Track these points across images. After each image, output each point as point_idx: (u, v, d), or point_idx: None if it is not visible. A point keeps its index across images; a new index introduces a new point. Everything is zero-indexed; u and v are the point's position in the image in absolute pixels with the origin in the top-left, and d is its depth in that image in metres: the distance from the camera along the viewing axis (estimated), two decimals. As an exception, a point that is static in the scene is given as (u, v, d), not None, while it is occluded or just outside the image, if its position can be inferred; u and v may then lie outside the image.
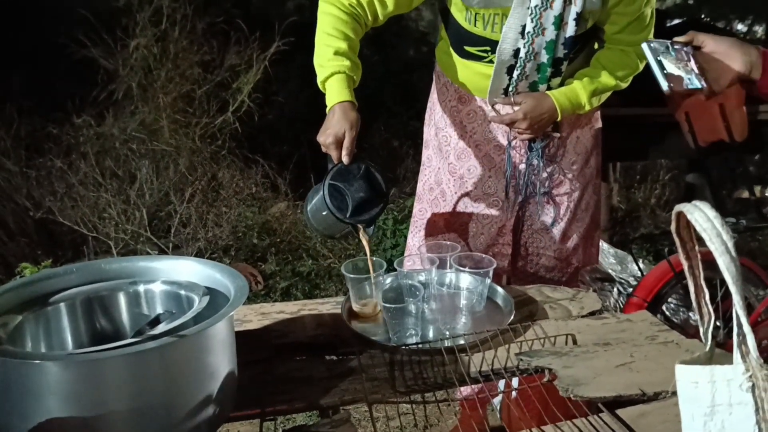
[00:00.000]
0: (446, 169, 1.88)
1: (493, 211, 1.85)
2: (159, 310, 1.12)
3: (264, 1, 6.45)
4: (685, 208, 0.65)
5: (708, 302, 0.72)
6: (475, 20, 1.60)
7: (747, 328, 0.64)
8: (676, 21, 3.09)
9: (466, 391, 1.59)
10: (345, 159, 1.42)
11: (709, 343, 0.74)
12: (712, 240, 0.62)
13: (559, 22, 1.54)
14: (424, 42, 6.90)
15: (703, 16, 8.72)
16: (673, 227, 0.68)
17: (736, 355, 0.67)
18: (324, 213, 1.43)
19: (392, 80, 6.36)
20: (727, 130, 2.26)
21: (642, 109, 2.49)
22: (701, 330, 0.74)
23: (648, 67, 1.72)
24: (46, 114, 4.22)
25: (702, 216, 0.63)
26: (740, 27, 9.25)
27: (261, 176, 4.48)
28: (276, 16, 5.09)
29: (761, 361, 0.65)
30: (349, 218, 1.40)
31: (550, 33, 1.56)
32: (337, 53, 1.51)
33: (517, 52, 1.59)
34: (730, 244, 0.61)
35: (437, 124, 1.91)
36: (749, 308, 2.04)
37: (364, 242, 1.45)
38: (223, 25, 4.72)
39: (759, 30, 9.07)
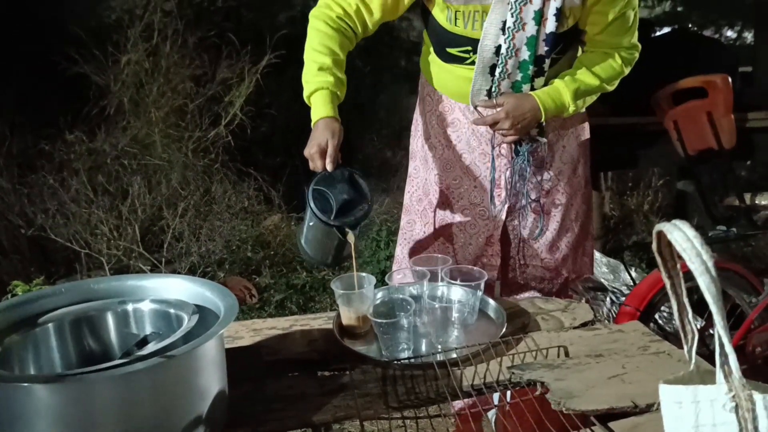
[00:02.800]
0: (433, 180, 1.88)
1: (481, 222, 1.85)
2: (148, 329, 1.12)
3: (255, 15, 6.45)
4: (664, 227, 0.65)
5: (691, 320, 0.72)
6: (456, 18, 1.61)
7: (729, 348, 0.64)
8: (665, 30, 3.11)
9: (458, 405, 1.59)
10: (329, 166, 1.44)
11: (693, 361, 0.74)
12: (692, 260, 0.62)
13: (540, 18, 1.56)
14: (415, 52, 6.89)
15: (690, 25, 8.77)
16: (654, 246, 0.68)
17: (719, 375, 0.67)
18: (311, 223, 1.44)
19: (384, 91, 6.38)
20: (715, 138, 2.27)
21: (631, 118, 2.51)
22: (685, 348, 0.74)
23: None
24: (38, 130, 4.21)
25: (681, 236, 0.63)
26: (729, 33, 9.31)
27: (254, 189, 4.47)
28: (267, 29, 5.10)
29: (744, 381, 0.65)
30: (333, 220, 1.41)
31: (531, 28, 1.57)
32: (321, 69, 1.54)
33: (498, 49, 1.60)
34: (710, 264, 0.61)
35: (423, 135, 1.91)
36: (742, 315, 2.04)
37: (351, 243, 1.46)
38: (214, 39, 4.72)
39: (748, 36, 9.12)
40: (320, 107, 1.52)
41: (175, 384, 0.91)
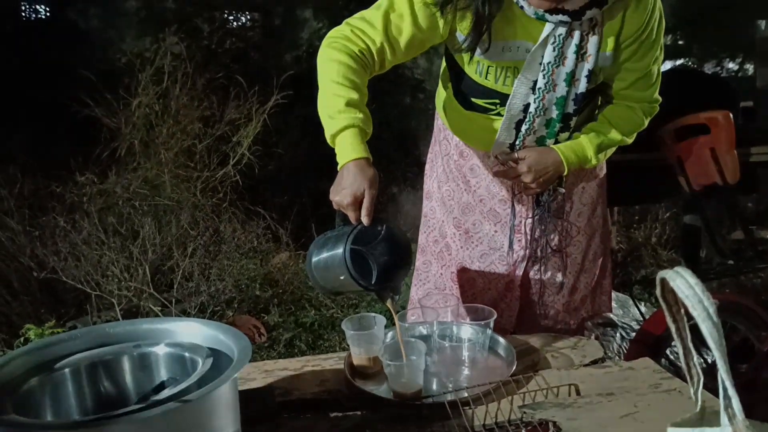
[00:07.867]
0: (451, 222, 1.86)
1: (500, 267, 1.83)
2: (163, 373, 1.13)
3: (262, 56, 6.58)
4: (667, 275, 0.67)
5: (696, 364, 0.74)
6: (487, 73, 1.57)
7: (732, 392, 0.65)
8: (667, 66, 3.15)
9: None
10: (365, 220, 1.31)
11: (700, 403, 0.76)
12: (695, 306, 0.64)
13: (571, 79, 1.52)
14: (419, 89, 7.01)
15: (691, 58, 8.87)
16: (658, 291, 0.71)
17: (723, 417, 0.68)
18: (342, 277, 1.31)
19: (389, 128, 6.44)
20: (719, 173, 2.29)
21: (635, 154, 2.53)
22: (691, 391, 0.76)
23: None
24: (49, 172, 4.28)
25: (684, 283, 0.65)
26: (731, 65, 9.40)
27: (262, 228, 4.51)
28: (274, 69, 5.20)
29: (747, 423, 0.66)
30: (374, 285, 1.30)
31: (561, 89, 1.54)
32: (348, 104, 1.38)
33: (527, 107, 1.57)
34: (712, 310, 0.64)
35: (439, 178, 1.89)
36: (750, 349, 2.03)
37: (391, 308, 1.36)
38: (222, 80, 4.83)
39: (749, 68, 9.21)
40: (351, 148, 1.35)
41: (191, 428, 0.92)
